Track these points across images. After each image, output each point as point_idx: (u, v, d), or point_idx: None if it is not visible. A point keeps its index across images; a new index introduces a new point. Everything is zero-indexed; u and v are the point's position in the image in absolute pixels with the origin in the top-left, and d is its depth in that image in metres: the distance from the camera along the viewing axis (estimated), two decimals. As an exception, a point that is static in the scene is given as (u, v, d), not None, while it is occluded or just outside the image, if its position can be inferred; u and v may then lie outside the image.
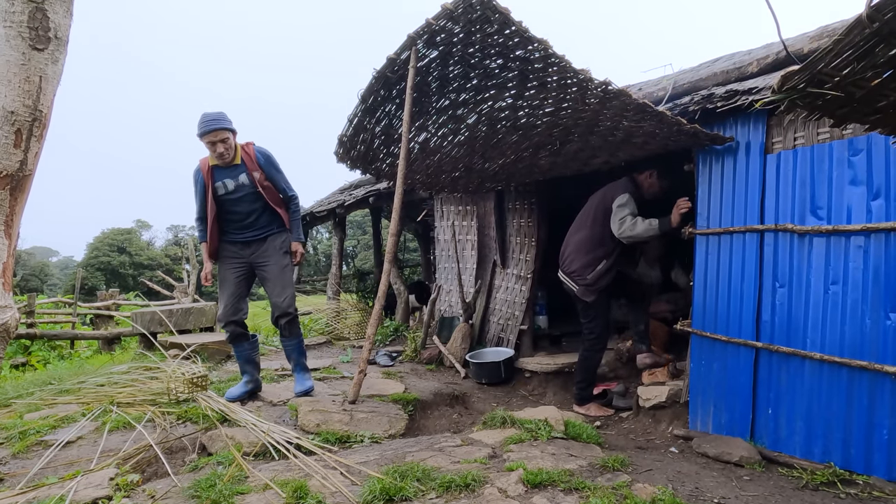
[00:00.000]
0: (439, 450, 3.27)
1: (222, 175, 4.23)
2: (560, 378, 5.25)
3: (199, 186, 4.27)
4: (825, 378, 3.27)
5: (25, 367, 10.06)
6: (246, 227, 4.32)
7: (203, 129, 4.07)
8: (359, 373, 4.00)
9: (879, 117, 2.05)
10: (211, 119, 4.09)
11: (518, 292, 5.97)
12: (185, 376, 4.20)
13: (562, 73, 3.37)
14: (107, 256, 42.16)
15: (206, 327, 7.12)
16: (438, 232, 7.60)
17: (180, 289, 13.90)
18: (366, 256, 25.49)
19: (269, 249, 4.35)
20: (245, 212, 4.28)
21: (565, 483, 2.75)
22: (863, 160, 3.13)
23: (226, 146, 4.11)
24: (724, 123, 3.90)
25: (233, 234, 4.34)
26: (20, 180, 2.08)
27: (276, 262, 4.34)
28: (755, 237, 3.69)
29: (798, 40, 3.67)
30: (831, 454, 3.20)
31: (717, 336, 3.89)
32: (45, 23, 2.02)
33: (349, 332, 7.71)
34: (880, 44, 1.56)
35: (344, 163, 5.06)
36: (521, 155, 4.92)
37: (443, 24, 3.38)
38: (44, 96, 2.06)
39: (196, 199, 4.31)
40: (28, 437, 3.56)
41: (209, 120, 4.09)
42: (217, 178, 4.23)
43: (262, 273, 4.37)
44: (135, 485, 2.93)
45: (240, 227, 4.32)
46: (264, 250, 4.35)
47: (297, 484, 2.73)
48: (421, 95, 4.10)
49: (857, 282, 3.15)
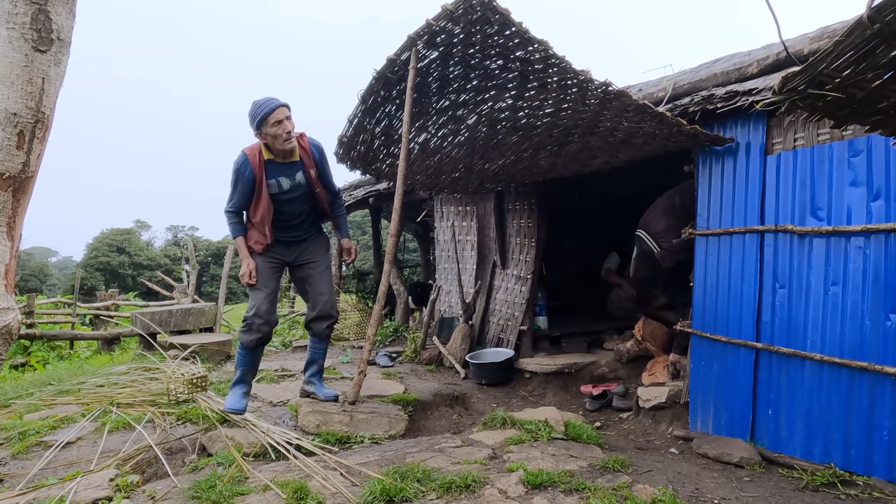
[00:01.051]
0: (439, 450, 3.27)
1: (277, 172, 3.79)
2: (560, 379, 5.26)
3: (244, 180, 3.76)
4: (825, 379, 3.27)
5: (25, 367, 10.06)
6: (292, 227, 3.97)
7: (266, 107, 3.59)
8: (359, 373, 3.99)
9: (880, 118, 2.05)
10: (268, 98, 3.64)
11: (518, 293, 5.97)
12: (184, 377, 4.20)
13: (562, 73, 3.37)
14: (106, 257, 42.14)
15: (205, 328, 7.11)
16: (438, 232, 7.61)
17: (180, 289, 13.88)
18: (365, 257, 25.45)
19: (314, 248, 4.06)
20: (296, 213, 3.93)
21: (566, 484, 2.75)
22: (863, 161, 3.14)
23: (293, 124, 3.68)
24: (724, 124, 3.90)
25: (277, 232, 3.93)
26: (22, 182, 2.08)
27: (322, 262, 4.07)
28: (755, 238, 3.70)
29: (798, 41, 3.67)
30: (831, 455, 3.20)
31: (717, 337, 3.89)
32: (47, 24, 2.02)
33: (349, 333, 7.70)
34: (881, 45, 1.56)
35: (344, 163, 5.07)
36: (521, 156, 4.93)
37: (443, 24, 3.39)
38: (46, 98, 2.06)
39: (235, 190, 3.81)
40: (28, 438, 3.56)
41: (267, 99, 3.64)
42: (271, 175, 3.78)
43: (306, 272, 4.04)
44: (135, 485, 2.93)
45: (285, 227, 3.94)
46: (308, 249, 4.04)
47: (297, 485, 2.73)
48: (421, 96, 4.10)
49: (857, 283, 3.15)
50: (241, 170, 3.75)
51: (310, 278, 4.03)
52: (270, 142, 3.68)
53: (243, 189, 3.78)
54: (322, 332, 4.08)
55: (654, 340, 4.98)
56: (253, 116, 3.63)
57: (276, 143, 3.67)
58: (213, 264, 41.75)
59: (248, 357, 3.85)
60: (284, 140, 3.66)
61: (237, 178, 3.77)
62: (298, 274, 4.08)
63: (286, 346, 7.47)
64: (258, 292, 3.84)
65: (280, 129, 3.62)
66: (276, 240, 3.91)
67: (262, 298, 3.83)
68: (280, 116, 3.60)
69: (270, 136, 3.64)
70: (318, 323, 4.05)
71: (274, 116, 3.58)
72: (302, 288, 4.14)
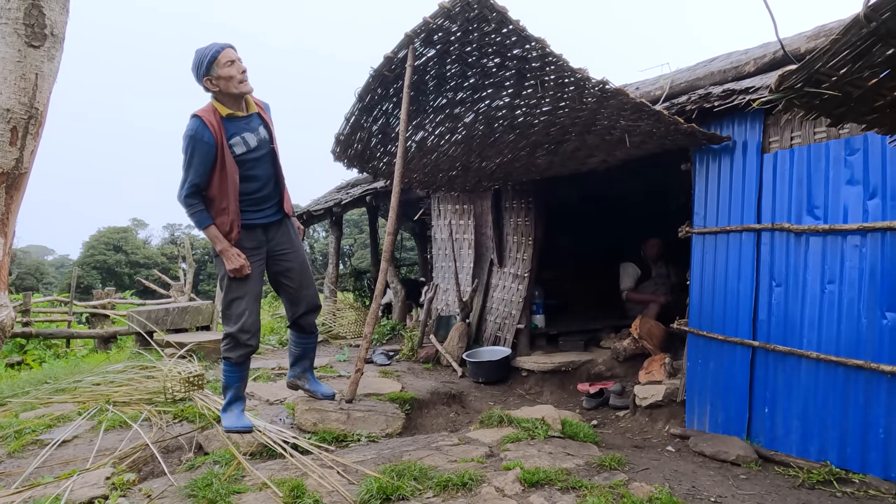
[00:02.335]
0: (436, 449, 3.27)
1: (239, 128, 3.25)
2: (557, 377, 5.26)
3: (203, 147, 3.15)
4: (821, 377, 3.28)
5: (21, 365, 10.05)
6: (261, 201, 3.41)
7: (214, 48, 3.15)
8: (356, 372, 3.99)
9: (876, 117, 2.05)
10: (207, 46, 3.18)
11: (515, 291, 5.97)
12: (181, 375, 4.19)
13: (559, 72, 3.37)
14: (103, 255, 42.02)
15: (202, 326, 7.10)
16: (435, 231, 7.60)
17: (176, 287, 13.88)
18: (362, 255, 25.50)
19: (290, 234, 3.59)
20: (263, 178, 3.38)
21: (562, 482, 2.75)
22: (859, 159, 3.14)
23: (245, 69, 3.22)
24: (721, 123, 3.90)
25: (249, 213, 3.37)
26: (16, 178, 2.07)
27: (299, 250, 3.63)
28: (752, 236, 3.70)
29: (795, 40, 3.68)
30: (827, 453, 3.21)
31: (713, 335, 3.90)
32: (40, 20, 2.01)
33: (346, 331, 7.70)
34: (878, 43, 1.56)
35: (341, 161, 5.05)
36: (519, 154, 4.92)
37: (440, 22, 3.38)
38: (40, 94, 2.05)
39: (190, 166, 3.18)
40: (24, 437, 3.55)
41: (207, 46, 3.18)
42: (232, 133, 3.22)
43: (285, 265, 3.58)
44: (131, 484, 2.92)
45: (255, 201, 3.39)
46: (284, 235, 3.56)
47: (293, 483, 2.72)
48: (418, 94, 4.10)
49: (853, 281, 3.16)
50: (197, 135, 3.14)
51: (290, 272, 3.60)
52: (223, 86, 3.18)
53: (202, 159, 3.16)
54: (313, 324, 3.85)
55: (650, 339, 4.98)
56: (199, 62, 3.17)
57: (230, 85, 3.18)
58: (210, 263, 41.65)
59: (237, 373, 3.43)
60: (240, 81, 3.19)
61: (193, 146, 3.15)
62: (279, 266, 3.59)
63: (283, 344, 7.45)
64: (240, 297, 3.35)
65: (234, 70, 3.16)
66: (251, 223, 3.39)
67: (246, 307, 3.36)
68: (231, 56, 3.17)
69: (224, 78, 3.16)
70: (309, 317, 3.76)
71: (225, 55, 3.15)
72: (280, 283, 3.65)
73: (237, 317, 3.36)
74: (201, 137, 3.15)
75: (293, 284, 3.65)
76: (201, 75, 3.19)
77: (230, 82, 3.18)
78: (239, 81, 3.20)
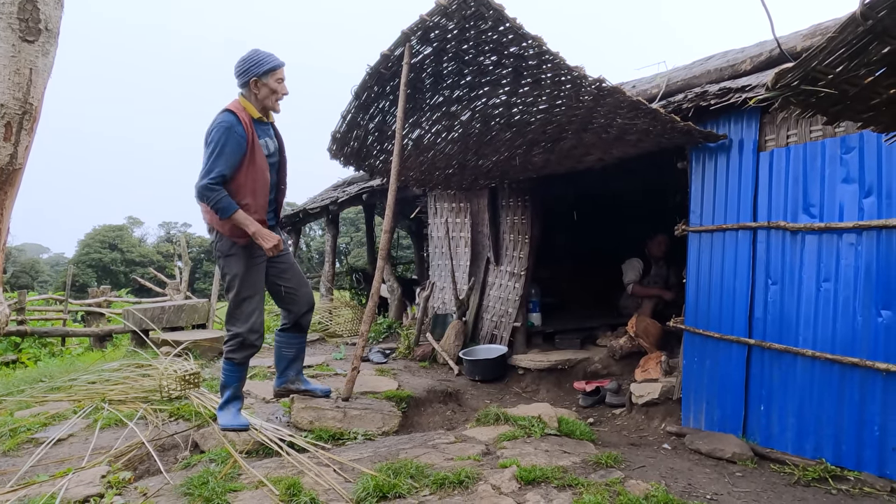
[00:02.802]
0: (433, 447, 3.27)
1: (262, 131, 3.39)
2: (553, 375, 5.26)
3: (235, 139, 3.21)
4: (817, 375, 3.28)
5: (16, 364, 9.99)
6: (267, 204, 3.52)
7: (275, 59, 3.31)
8: (352, 370, 3.98)
9: (872, 115, 2.05)
10: (269, 53, 3.34)
11: (511, 289, 5.97)
12: (177, 374, 4.18)
13: (556, 70, 3.37)
14: (98, 253, 41.91)
15: (198, 324, 7.09)
16: (432, 229, 7.60)
17: (172, 285, 13.82)
18: (359, 253, 25.44)
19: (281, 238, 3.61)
20: (272, 185, 3.51)
21: (559, 480, 2.76)
22: (855, 158, 3.15)
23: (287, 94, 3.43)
24: (718, 121, 3.91)
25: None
26: (10, 174, 2.06)
27: (290, 253, 3.74)
28: (748, 234, 3.71)
29: (791, 38, 3.68)
30: (823, 450, 3.22)
31: (709, 333, 3.90)
32: (35, 14, 1.99)
33: (342, 330, 7.69)
34: (874, 41, 1.56)
35: (337, 159, 5.04)
36: (515, 152, 4.92)
37: (437, 20, 3.37)
38: (34, 89, 2.04)
39: (220, 156, 3.19)
40: (18, 435, 3.54)
41: (269, 53, 3.33)
42: (259, 135, 3.36)
43: (281, 265, 3.63)
44: (126, 482, 2.91)
45: None
46: None
47: (290, 481, 2.72)
48: (415, 92, 4.09)
49: (848, 279, 3.17)
50: (232, 128, 3.21)
51: (286, 272, 3.66)
52: (264, 95, 3.33)
53: (234, 150, 3.21)
54: (307, 323, 3.88)
55: (647, 337, 4.99)
56: (257, 62, 3.28)
57: (271, 99, 3.37)
58: (206, 261, 41.56)
59: (238, 373, 3.48)
60: (277, 100, 3.41)
61: (227, 138, 3.19)
62: (275, 267, 3.62)
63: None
64: (250, 300, 3.39)
65: (283, 87, 3.37)
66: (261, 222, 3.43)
67: (256, 306, 3.41)
68: (284, 75, 3.36)
69: (270, 89, 3.33)
70: (309, 314, 3.82)
71: (282, 72, 3.34)
72: (278, 285, 3.67)
73: (247, 316, 3.40)
74: (235, 130, 3.23)
75: (292, 284, 3.69)
76: (252, 74, 3.29)
77: (273, 96, 3.38)
78: (277, 100, 3.41)
